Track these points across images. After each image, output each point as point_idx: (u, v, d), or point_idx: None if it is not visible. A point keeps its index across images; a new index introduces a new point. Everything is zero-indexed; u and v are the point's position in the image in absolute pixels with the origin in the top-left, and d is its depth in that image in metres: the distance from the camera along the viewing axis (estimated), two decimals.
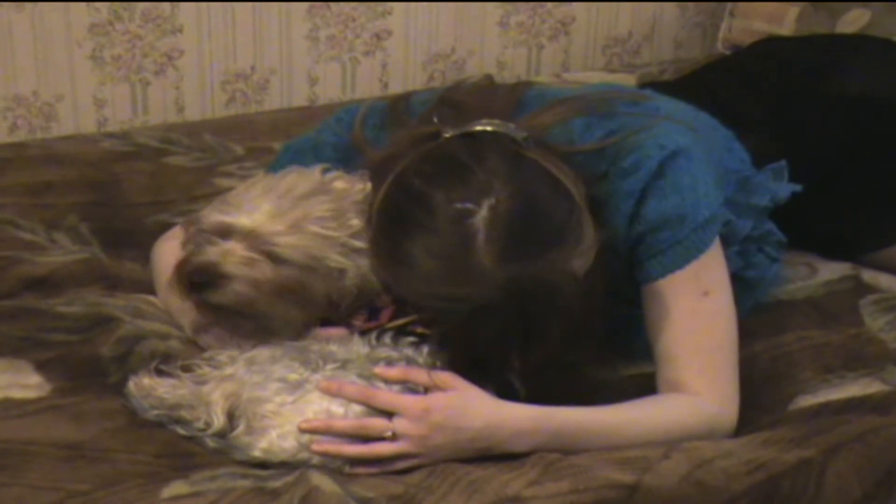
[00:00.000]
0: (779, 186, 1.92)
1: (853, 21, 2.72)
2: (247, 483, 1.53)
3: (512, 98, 1.81)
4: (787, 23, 2.82)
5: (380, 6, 2.92)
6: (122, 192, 2.28)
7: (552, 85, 2.42)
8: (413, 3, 2.96)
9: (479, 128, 1.65)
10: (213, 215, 1.71)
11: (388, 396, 1.61)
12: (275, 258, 1.67)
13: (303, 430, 1.58)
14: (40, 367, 1.73)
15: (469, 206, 1.56)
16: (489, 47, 3.07)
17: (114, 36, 2.72)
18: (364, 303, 1.73)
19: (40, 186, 2.26)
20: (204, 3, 2.76)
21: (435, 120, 1.72)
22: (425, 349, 1.66)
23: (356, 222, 1.70)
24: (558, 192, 1.60)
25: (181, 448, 1.60)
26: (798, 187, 1.92)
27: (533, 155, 1.62)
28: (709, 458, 1.59)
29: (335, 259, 1.69)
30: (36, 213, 2.16)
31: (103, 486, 1.51)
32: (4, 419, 1.62)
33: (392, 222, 1.63)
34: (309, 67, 2.92)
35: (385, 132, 1.83)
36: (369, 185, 1.72)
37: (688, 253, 1.71)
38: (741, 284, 1.81)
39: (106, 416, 1.64)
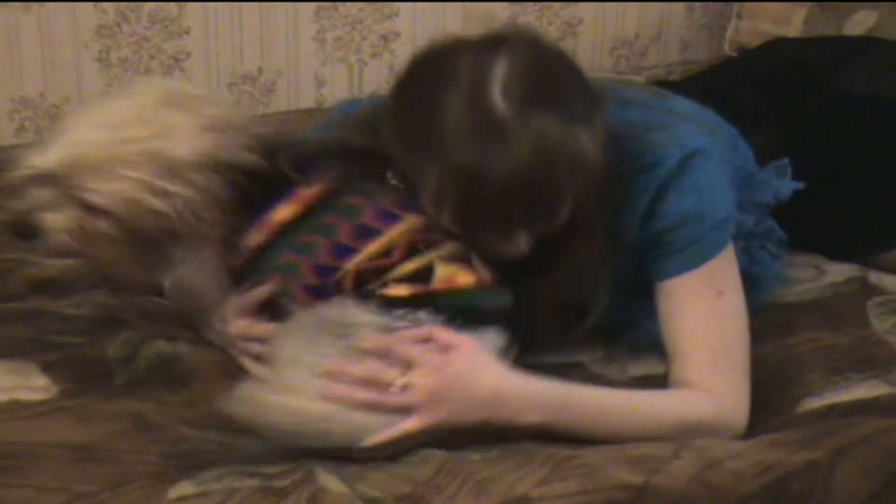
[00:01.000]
0: (781, 184, 1.92)
1: (860, 22, 2.72)
2: (254, 482, 1.53)
3: None
4: (794, 24, 2.82)
5: (387, 7, 2.92)
6: None
7: None
8: (420, 4, 2.96)
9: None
10: (30, 155, 1.66)
11: (407, 347, 1.60)
12: (88, 206, 1.63)
13: (319, 376, 1.58)
14: (47, 368, 1.73)
15: (490, 59, 1.60)
16: None
17: (120, 38, 2.73)
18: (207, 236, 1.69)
19: None
20: (211, 4, 2.77)
21: None
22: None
23: (178, 155, 1.64)
24: (575, 70, 1.66)
25: (187, 448, 1.60)
26: (801, 185, 1.92)
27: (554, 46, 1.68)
28: (719, 458, 1.59)
29: (153, 202, 1.63)
30: None
31: (110, 487, 1.51)
32: (11, 420, 1.62)
33: (414, 88, 1.65)
34: (316, 69, 2.92)
35: None
36: (211, 113, 1.69)
37: (705, 252, 1.71)
38: (746, 281, 1.80)
39: (113, 417, 1.64)
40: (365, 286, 1.66)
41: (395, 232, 1.68)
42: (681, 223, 1.71)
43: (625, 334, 1.84)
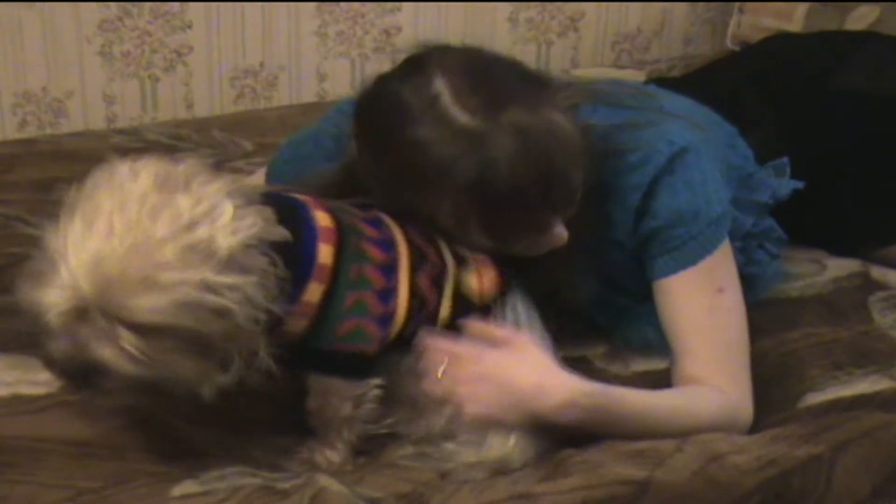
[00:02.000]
0: (780, 183, 1.91)
1: (862, 18, 2.72)
2: (256, 481, 1.53)
3: None
4: (795, 19, 2.82)
5: (389, 3, 2.92)
6: None
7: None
8: (422, 1, 2.96)
9: None
10: (41, 292, 1.44)
11: (447, 343, 1.59)
12: (142, 329, 1.40)
13: None
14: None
15: (426, 82, 1.57)
16: (498, 44, 3.06)
17: (123, 32, 2.73)
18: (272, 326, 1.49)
19: (49, 182, 2.25)
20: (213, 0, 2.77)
21: None
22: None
23: (225, 241, 1.41)
24: (506, 60, 1.64)
25: (191, 446, 1.60)
26: (800, 184, 1.92)
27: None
28: (721, 452, 1.58)
29: (210, 301, 1.41)
30: (45, 210, 2.16)
31: (114, 484, 1.51)
32: (14, 415, 1.62)
33: (377, 138, 1.62)
34: (318, 64, 2.92)
35: None
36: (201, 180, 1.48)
37: (702, 249, 1.71)
38: (743, 281, 1.80)
39: (115, 412, 1.63)
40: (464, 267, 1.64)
41: (401, 236, 1.63)
42: (676, 221, 1.71)
43: (620, 336, 1.86)
